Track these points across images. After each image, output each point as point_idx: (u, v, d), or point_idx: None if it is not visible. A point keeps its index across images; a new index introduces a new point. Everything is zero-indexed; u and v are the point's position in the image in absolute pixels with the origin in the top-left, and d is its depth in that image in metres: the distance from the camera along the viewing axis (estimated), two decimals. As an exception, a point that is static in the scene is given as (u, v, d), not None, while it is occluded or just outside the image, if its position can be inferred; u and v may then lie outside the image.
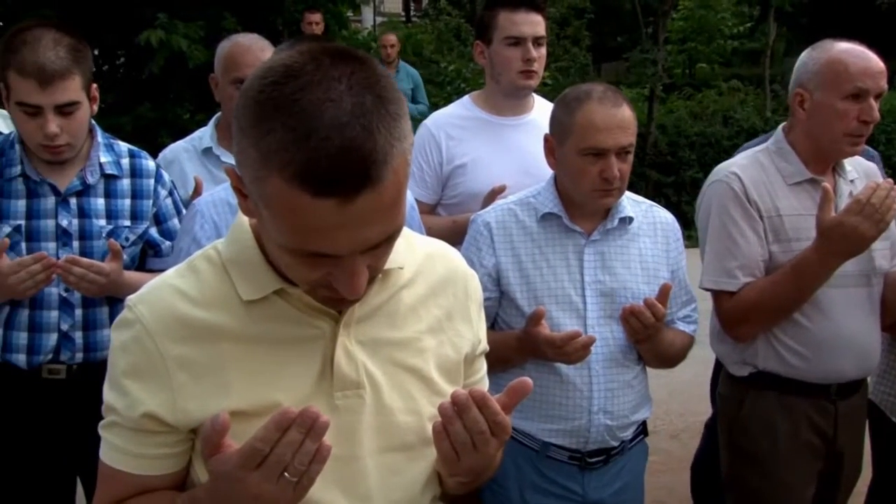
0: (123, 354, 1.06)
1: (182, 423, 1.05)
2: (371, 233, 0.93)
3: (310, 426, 0.91)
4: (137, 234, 2.12)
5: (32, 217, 2.02)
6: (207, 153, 2.50)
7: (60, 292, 2.03)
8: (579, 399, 1.92)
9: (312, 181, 0.87)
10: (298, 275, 0.99)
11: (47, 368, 2.05)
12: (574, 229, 1.95)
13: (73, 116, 1.97)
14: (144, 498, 1.10)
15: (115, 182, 2.11)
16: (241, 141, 0.93)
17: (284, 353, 1.07)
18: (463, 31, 11.89)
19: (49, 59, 1.89)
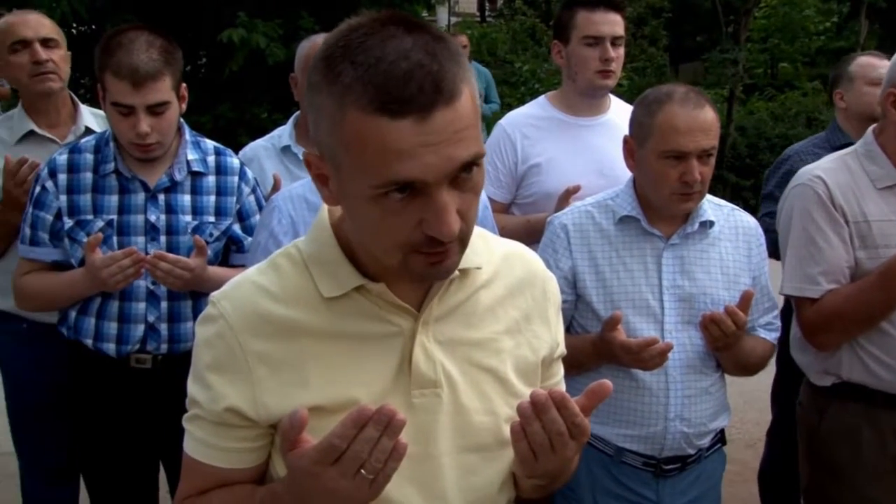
0: (207, 349, 1.09)
1: (262, 417, 1.07)
2: (453, 151, 0.92)
3: (386, 424, 0.92)
4: (221, 230, 2.18)
5: (124, 212, 2.10)
6: (286, 151, 2.56)
7: (148, 285, 2.11)
8: (655, 405, 1.89)
9: (387, 103, 0.90)
10: (389, 234, 0.97)
11: (135, 358, 2.13)
12: (653, 233, 1.93)
13: (164, 116, 2.04)
14: (226, 490, 1.12)
15: (201, 179, 2.17)
16: (314, 99, 0.97)
17: (363, 349, 1.08)
18: (538, 30, 11.82)
19: (142, 62, 1.96)
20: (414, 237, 0.96)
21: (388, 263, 1.01)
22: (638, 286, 1.91)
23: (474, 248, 1.10)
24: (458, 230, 0.96)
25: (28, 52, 2.43)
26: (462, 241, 1.00)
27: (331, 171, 1.00)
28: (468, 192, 0.97)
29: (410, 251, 0.98)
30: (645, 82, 9.84)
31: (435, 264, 0.99)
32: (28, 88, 2.50)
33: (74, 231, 2.09)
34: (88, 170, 2.11)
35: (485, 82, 7.65)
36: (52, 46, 2.47)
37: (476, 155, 0.96)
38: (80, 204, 2.09)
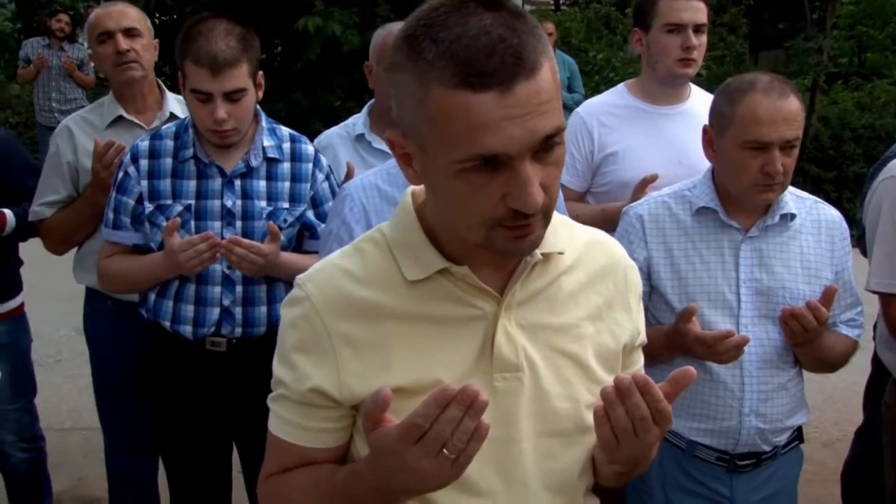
0: (292, 330, 1.11)
1: (346, 398, 1.09)
2: (535, 124, 0.94)
3: (469, 404, 0.91)
4: (295, 216, 2.21)
5: (201, 197, 2.14)
6: (360, 139, 2.57)
7: (224, 269, 2.15)
8: (730, 399, 1.85)
9: (470, 77, 0.91)
10: (474, 208, 0.98)
11: (210, 340, 2.18)
12: (730, 225, 1.88)
13: (240, 103, 2.07)
14: (309, 469, 1.14)
15: (277, 165, 2.20)
16: (396, 78, 0.99)
17: (445, 332, 1.08)
18: (613, 19, 11.62)
19: (220, 49, 2.00)
20: (498, 211, 0.97)
21: (472, 240, 1.02)
22: (714, 279, 1.87)
23: (557, 234, 1.11)
24: (542, 203, 0.97)
25: (112, 43, 2.51)
26: (545, 214, 1.01)
27: (414, 149, 1.02)
28: (550, 166, 0.98)
29: (494, 225, 0.99)
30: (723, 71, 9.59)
31: (519, 238, 1.00)
32: (113, 77, 2.58)
33: (154, 215, 2.14)
34: (168, 155, 2.16)
35: (569, 71, 7.52)
36: (135, 36, 2.53)
37: (558, 128, 0.97)
38: (160, 189, 2.15)
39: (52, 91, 7.76)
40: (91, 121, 2.60)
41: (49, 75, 7.75)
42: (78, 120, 2.62)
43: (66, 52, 7.81)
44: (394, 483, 0.99)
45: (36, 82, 7.83)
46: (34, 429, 2.96)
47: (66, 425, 3.94)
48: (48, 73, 7.75)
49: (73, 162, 2.54)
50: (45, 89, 7.80)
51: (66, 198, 2.56)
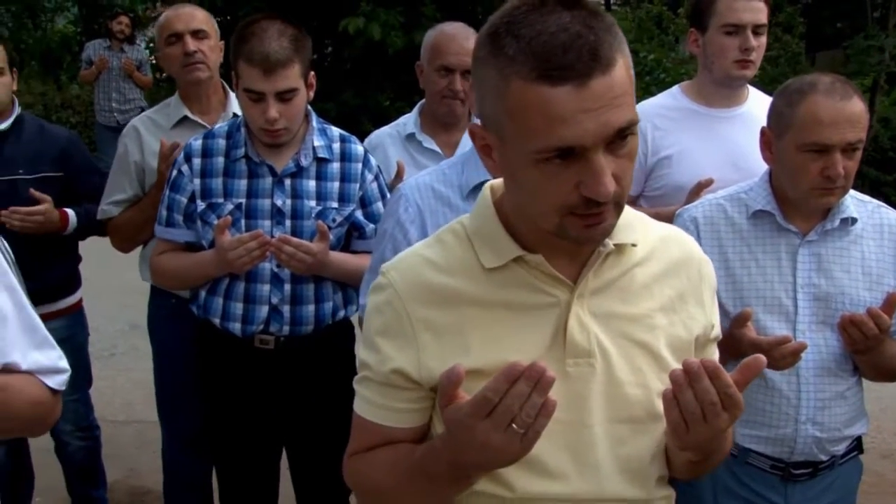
0: (377, 315, 1.18)
1: (426, 379, 1.14)
2: (609, 117, 0.98)
3: (537, 380, 0.95)
4: (344, 216, 2.22)
5: (252, 196, 2.16)
6: (410, 139, 2.57)
7: (273, 268, 2.16)
8: (786, 407, 1.80)
9: (548, 71, 0.96)
10: (548, 196, 1.03)
11: (258, 338, 2.20)
12: (788, 229, 1.83)
13: (292, 102, 2.09)
14: (390, 448, 1.19)
15: (326, 165, 2.21)
16: (479, 72, 1.05)
17: (520, 318, 1.13)
18: (665, 18, 11.46)
19: (273, 49, 2.02)
20: (571, 199, 1.01)
21: (546, 228, 1.06)
22: (770, 283, 1.82)
23: (631, 227, 1.15)
24: (614, 192, 1.00)
25: (180, 44, 2.55)
26: (617, 203, 1.04)
27: (494, 140, 1.07)
28: (623, 158, 1.02)
29: (567, 213, 1.03)
30: (778, 72, 9.39)
31: (590, 227, 1.04)
32: (180, 78, 2.63)
33: (206, 213, 2.17)
34: (221, 154, 2.18)
35: None
36: (202, 37, 2.58)
37: (631, 121, 1.01)
38: (212, 187, 2.17)
39: (112, 91, 7.95)
40: (157, 121, 2.65)
41: (109, 76, 7.94)
42: (145, 120, 2.68)
43: (126, 54, 8.00)
44: (465, 458, 1.03)
45: (96, 83, 8.03)
46: (89, 419, 3.04)
47: (120, 418, 4.02)
48: (108, 74, 7.93)
49: (139, 162, 2.59)
50: (105, 90, 7.99)
51: (133, 197, 2.61)
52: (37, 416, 1.40)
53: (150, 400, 2.89)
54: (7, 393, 1.29)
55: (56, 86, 11.21)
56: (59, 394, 1.44)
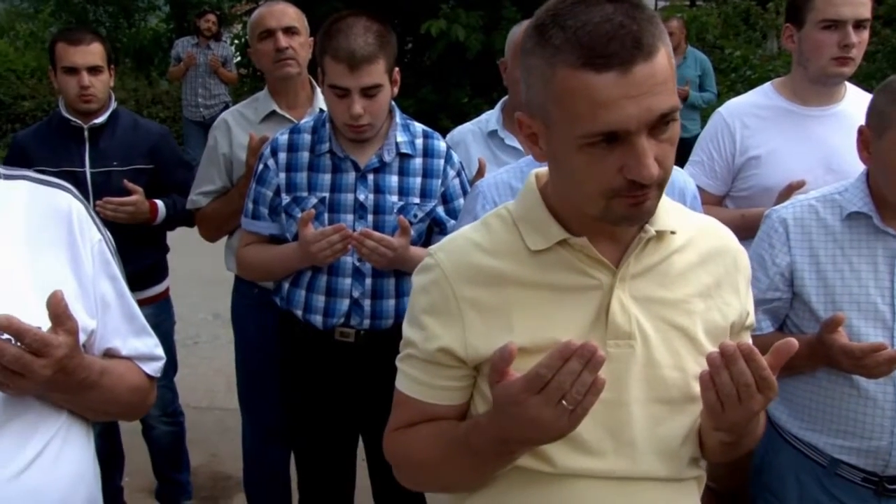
0: (423, 294, 1.22)
1: (471, 357, 1.18)
2: (652, 102, 1.02)
3: (588, 358, 0.99)
4: (425, 212, 2.23)
5: (335, 190, 2.20)
6: (492, 136, 2.57)
7: (354, 262, 2.19)
8: (880, 418, 1.73)
9: (593, 59, 1.01)
10: (594, 180, 1.07)
11: (339, 331, 2.23)
12: (886, 231, 1.75)
13: (376, 98, 2.11)
14: (432, 424, 1.24)
15: (409, 161, 2.23)
16: (527, 62, 1.09)
17: (564, 299, 1.17)
18: (753, 14, 11.14)
19: (359, 46, 2.04)
20: (616, 182, 1.06)
21: (591, 212, 1.11)
22: (865, 288, 1.75)
23: (670, 216, 1.20)
24: (657, 174, 1.05)
25: (272, 40, 2.61)
26: (659, 186, 1.09)
27: (540, 128, 1.12)
28: (665, 143, 1.06)
29: (613, 196, 1.07)
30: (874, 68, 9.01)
31: (635, 206, 1.08)
32: (271, 73, 2.68)
33: (290, 207, 2.21)
34: (306, 149, 2.22)
35: (700, 70, 7.24)
36: (293, 34, 2.63)
37: (672, 108, 1.05)
38: (296, 181, 2.21)
39: (199, 87, 8.19)
40: (246, 115, 2.71)
41: (196, 72, 8.18)
42: (235, 114, 2.74)
43: (212, 51, 8.23)
44: (513, 433, 1.07)
45: (184, 79, 8.28)
46: (174, 404, 3.15)
47: (203, 404, 4.14)
48: (195, 70, 8.18)
49: (228, 154, 2.66)
50: (192, 86, 8.23)
51: (221, 188, 2.69)
52: (135, 401, 1.46)
53: (231, 388, 2.96)
54: (110, 377, 1.34)
55: (147, 82, 11.60)
56: (155, 380, 1.50)
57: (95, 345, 1.37)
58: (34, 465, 1.23)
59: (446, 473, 1.23)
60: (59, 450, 1.28)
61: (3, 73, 10.60)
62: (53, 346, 1.16)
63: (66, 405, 1.31)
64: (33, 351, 1.14)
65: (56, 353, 1.16)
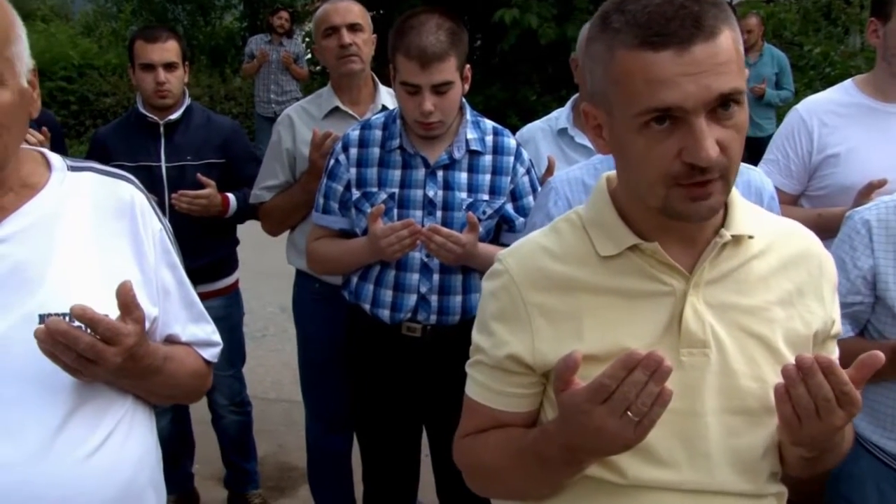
0: (492, 300, 1.20)
1: (539, 364, 1.16)
2: (711, 81, 1.00)
3: (654, 369, 0.96)
4: (494, 209, 2.22)
5: (405, 186, 2.21)
6: (562, 133, 2.55)
7: (422, 257, 2.20)
8: None
9: (649, 37, 1.00)
10: (652, 165, 1.04)
11: (406, 326, 2.24)
12: None
13: (447, 95, 2.11)
14: (501, 431, 1.22)
15: (479, 158, 2.23)
16: (590, 49, 1.09)
17: (635, 306, 1.14)
18: (834, 9, 10.79)
19: (430, 43, 2.04)
20: (675, 168, 1.03)
21: (653, 203, 1.08)
22: None
23: (748, 219, 1.16)
24: (718, 162, 1.02)
25: (336, 37, 2.63)
26: (724, 178, 1.05)
27: (603, 117, 1.10)
28: (729, 129, 1.03)
29: (672, 184, 1.04)
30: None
31: (696, 200, 1.04)
32: (335, 69, 2.71)
33: (360, 202, 2.23)
34: (376, 145, 2.24)
35: (777, 67, 7.05)
36: (357, 31, 2.65)
37: (734, 89, 1.02)
38: (367, 177, 2.23)
39: (271, 83, 8.33)
40: (310, 111, 2.75)
41: (269, 69, 8.32)
42: (298, 110, 2.78)
43: (285, 47, 8.36)
44: (579, 443, 1.05)
45: (257, 75, 8.43)
46: (242, 395, 3.21)
47: (270, 396, 4.21)
48: (268, 66, 8.32)
49: (291, 149, 2.70)
50: (264, 82, 8.38)
51: (284, 183, 2.72)
52: (194, 385, 1.50)
53: (297, 380, 3.00)
54: (172, 363, 1.38)
55: (221, 78, 11.85)
56: (212, 365, 1.53)
57: (157, 331, 1.41)
58: (104, 447, 1.27)
59: (515, 481, 1.21)
60: (126, 433, 1.32)
61: (86, 70, 10.96)
62: (124, 335, 1.19)
63: (132, 390, 1.35)
64: (105, 339, 1.18)
65: (126, 341, 1.20)
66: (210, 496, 3.36)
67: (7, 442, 1.20)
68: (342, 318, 2.38)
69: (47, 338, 1.15)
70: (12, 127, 1.22)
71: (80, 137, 9.97)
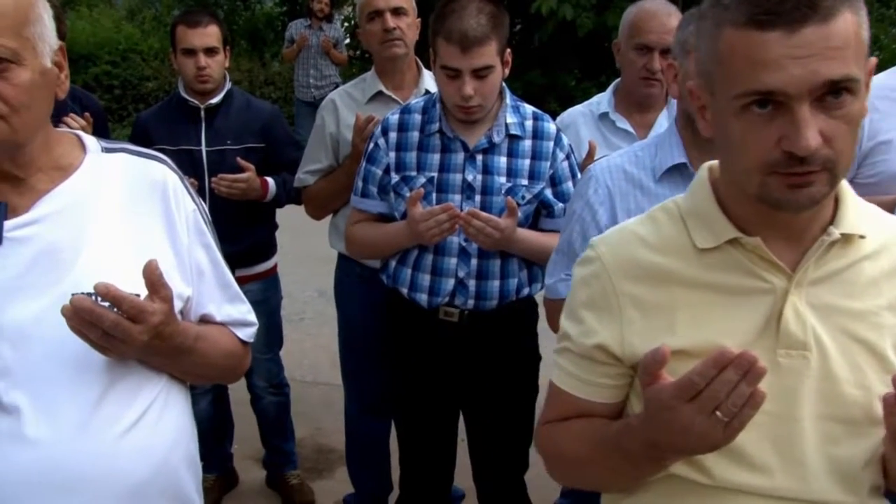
0: (583, 287, 1.19)
1: (627, 356, 1.14)
2: (819, 66, 0.94)
3: (746, 369, 0.92)
4: (533, 194, 2.21)
5: (444, 170, 2.20)
6: (603, 118, 2.52)
7: (461, 242, 2.19)
8: None
9: (757, 15, 0.96)
10: (751, 151, 1.00)
11: (443, 310, 2.24)
12: None
13: (487, 80, 2.09)
14: (584, 420, 1.20)
15: (518, 142, 2.21)
16: (700, 27, 1.07)
17: (731, 301, 1.09)
18: (884, -9, 10.53)
19: (471, 27, 2.03)
20: (773, 155, 0.98)
21: (749, 190, 1.03)
22: None
23: (861, 218, 1.10)
24: (820, 153, 0.96)
25: (380, 21, 2.62)
26: (828, 169, 0.99)
27: (706, 97, 1.07)
28: (838, 119, 0.97)
29: (770, 172, 0.99)
30: None
31: (794, 188, 0.99)
32: (378, 54, 2.70)
33: (399, 186, 2.23)
34: (416, 129, 2.23)
35: None
36: (401, 14, 2.64)
37: (846, 77, 0.96)
38: (406, 161, 2.22)
39: (310, 68, 8.36)
40: (354, 95, 2.74)
41: (308, 54, 8.35)
42: (342, 94, 2.78)
43: (324, 32, 8.37)
44: (664, 439, 1.01)
45: (296, 60, 8.47)
46: (280, 377, 3.24)
47: (308, 378, 4.25)
48: (307, 51, 8.35)
49: (335, 134, 2.70)
50: (303, 66, 8.41)
51: (328, 167, 2.73)
52: (230, 365, 1.51)
53: (335, 364, 3.02)
54: (205, 342, 1.38)
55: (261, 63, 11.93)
56: (249, 345, 1.53)
57: (192, 311, 1.41)
58: (139, 425, 1.29)
59: (596, 473, 1.20)
60: (160, 411, 1.33)
61: (129, 54, 11.11)
62: (149, 313, 1.20)
63: (165, 369, 1.36)
64: (130, 317, 1.18)
65: (152, 319, 1.20)
66: (249, 476, 3.40)
67: (45, 420, 1.22)
68: (382, 302, 2.39)
69: (74, 316, 1.16)
70: (32, 106, 1.22)
71: (123, 122, 10.11)
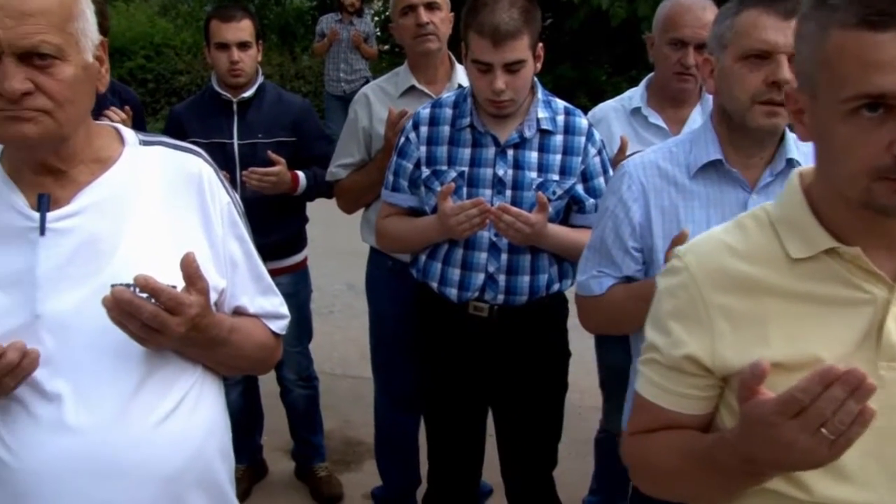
0: (669, 298, 1.16)
1: (718, 368, 1.11)
2: None
3: (855, 386, 0.89)
4: (564, 189, 2.19)
5: (475, 165, 2.19)
6: (636, 113, 2.50)
7: (491, 236, 2.19)
8: None
9: (870, 16, 0.93)
10: (857, 156, 0.97)
11: (473, 305, 2.23)
12: None
13: (519, 74, 2.08)
14: (673, 432, 1.18)
15: (549, 137, 2.20)
16: (802, 28, 1.03)
17: (827, 313, 1.06)
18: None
19: (503, 21, 2.02)
20: (881, 161, 0.95)
21: (851, 194, 1.00)
22: None
23: None
24: None
25: (413, 15, 2.62)
26: None
27: (806, 101, 1.04)
28: None
29: (877, 178, 0.96)
30: None
31: None
32: (411, 48, 2.70)
33: (430, 180, 2.23)
34: (447, 123, 2.23)
35: None
36: (434, 9, 2.63)
37: None
38: (437, 155, 2.22)
39: (341, 62, 8.38)
40: (386, 90, 2.75)
41: (338, 48, 8.37)
42: (375, 89, 2.78)
43: (355, 26, 8.39)
44: (763, 455, 0.98)
45: (327, 54, 8.50)
46: (309, 370, 3.26)
47: (337, 372, 4.27)
48: (338, 45, 8.37)
49: (367, 128, 2.71)
50: (334, 61, 8.43)
51: (360, 161, 2.74)
52: (262, 356, 1.52)
53: (364, 357, 3.03)
54: (239, 334, 1.40)
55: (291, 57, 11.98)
56: (281, 337, 1.55)
57: (226, 303, 1.43)
58: (174, 415, 1.31)
59: (686, 485, 1.17)
60: (195, 401, 1.35)
61: (163, 49, 11.22)
62: (186, 305, 1.22)
63: (200, 360, 1.38)
64: (168, 309, 1.20)
65: (189, 311, 1.22)
66: (278, 467, 3.43)
67: (84, 408, 1.24)
68: (412, 296, 2.39)
69: (114, 307, 1.18)
70: (76, 100, 1.24)
71: (156, 115, 10.22)
